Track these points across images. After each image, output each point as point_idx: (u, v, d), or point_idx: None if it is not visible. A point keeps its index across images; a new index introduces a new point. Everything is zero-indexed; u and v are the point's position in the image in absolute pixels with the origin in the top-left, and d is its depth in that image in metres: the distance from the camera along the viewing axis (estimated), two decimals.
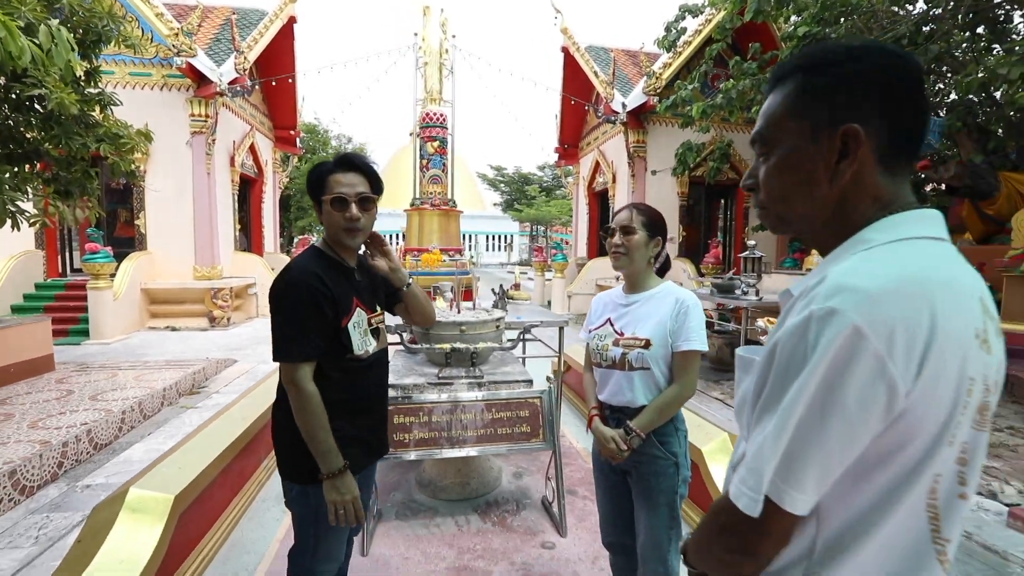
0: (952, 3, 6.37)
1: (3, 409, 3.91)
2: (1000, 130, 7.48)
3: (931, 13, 6.58)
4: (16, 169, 4.46)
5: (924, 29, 6.48)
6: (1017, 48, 5.26)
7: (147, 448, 3.68)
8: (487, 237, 45.95)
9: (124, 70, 8.91)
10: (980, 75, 5.75)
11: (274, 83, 11.23)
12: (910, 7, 7.07)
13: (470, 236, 42.17)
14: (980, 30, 6.84)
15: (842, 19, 6.98)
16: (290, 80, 11.92)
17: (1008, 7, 6.32)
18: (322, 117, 24.70)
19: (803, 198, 0.69)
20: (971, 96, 6.90)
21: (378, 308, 1.64)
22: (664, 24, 8.65)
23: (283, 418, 1.47)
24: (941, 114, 8.04)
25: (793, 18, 7.52)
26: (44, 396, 4.28)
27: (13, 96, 4.43)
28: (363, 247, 1.62)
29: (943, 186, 7.70)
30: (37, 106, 4.55)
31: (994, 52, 6.62)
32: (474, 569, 2.30)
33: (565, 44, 12.83)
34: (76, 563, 1.76)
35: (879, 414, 0.54)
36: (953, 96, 7.84)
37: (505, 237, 46.21)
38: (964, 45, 7.24)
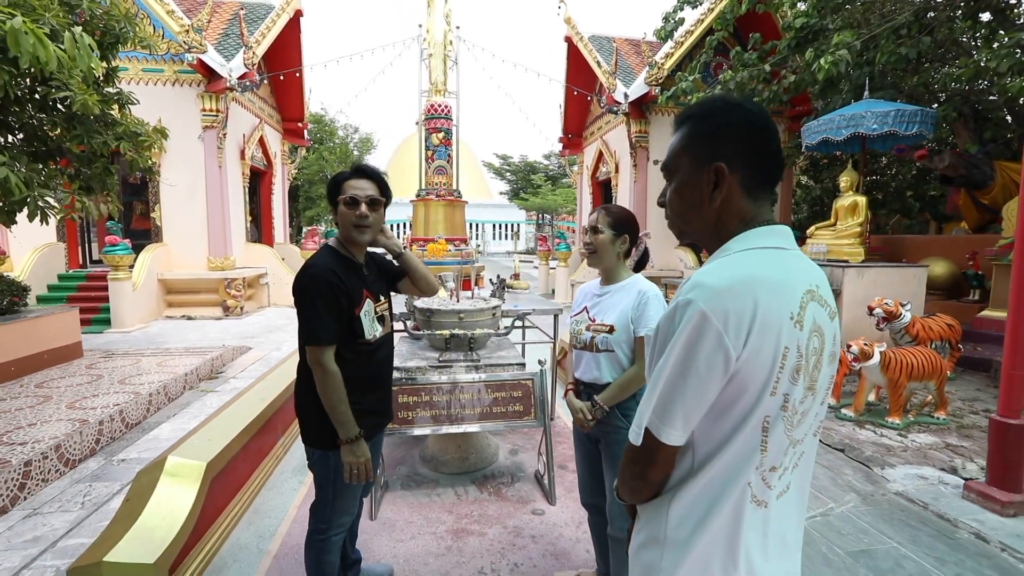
0: None
1: (42, 392, 4.25)
2: (1008, 118, 7.49)
3: (932, 1, 6.60)
4: (42, 167, 4.73)
5: (926, 18, 6.50)
6: (1006, 40, 5.34)
7: (173, 427, 3.99)
8: (494, 226, 46.10)
9: (137, 67, 9.16)
10: (981, 63, 5.82)
11: (282, 77, 11.43)
12: None
13: (477, 225, 42.36)
14: (984, 16, 6.87)
15: (841, 9, 7.03)
16: (297, 73, 12.12)
17: None
18: (329, 108, 24.87)
19: (693, 215, 0.93)
20: (967, 85, 6.96)
21: (382, 298, 1.90)
22: (663, 15, 8.70)
23: (305, 393, 1.75)
24: (940, 102, 8.09)
25: (800, 5, 7.56)
26: (77, 380, 4.61)
27: (38, 97, 4.69)
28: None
29: (938, 175, 7.78)
30: (60, 106, 4.81)
31: (1000, 38, 6.63)
32: (471, 531, 2.57)
33: (568, 34, 12.89)
34: (127, 518, 2.05)
35: (720, 372, 0.78)
36: (954, 84, 7.88)
37: (512, 226, 46.33)
38: (969, 32, 7.26)
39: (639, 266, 1.91)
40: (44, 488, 3.03)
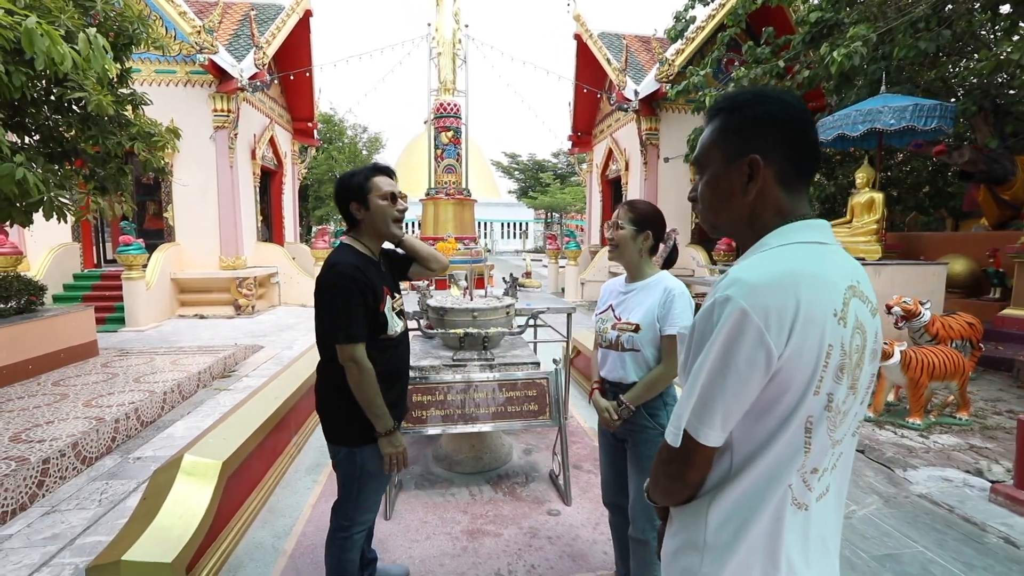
0: None
1: (59, 390, 4.29)
2: None
3: None
4: (58, 167, 4.78)
5: (944, 11, 6.38)
6: None
7: (188, 425, 4.01)
8: (502, 224, 46.08)
9: (150, 68, 9.24)
10: (1002, 56, 5.69)
11: (292, 77, 11.48)
12: None
13: (485, 224, 42.36)
14: (1004, 8, 6.72)
15: (856, 2, 6.92)
16: (307, 73, 12.16)
17: None
18: (338, 108, 25.00)
19: (725, 210, 0.90)
20: (987, 79, 6.81)
21: (397, 294, 1.91)
22: (674, 14, 8.63)
23: (331, 392, 1.75)
24: (960, 96, 7.93)
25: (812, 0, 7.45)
26: (92, 379, 4.65)
27: (53, 99, 4.74)
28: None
29: (957, 170, 7.63)
30: (75, 107, 4.85)
31: (1021, 30, 6.48)
32: (486, 532, 2.55)
33: (578, 31, 12.83)
34: (144, 517, 2.05)
35: (761, 371, 0.75)
36: (973, 79, 7.72)
37: (520, 224, 46.29)
38: (989, 24, 7.11)
39: (668, 263, 1.86)
40: (62, 485, 3.05)
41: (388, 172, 1.82)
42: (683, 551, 0.87)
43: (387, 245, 1.95)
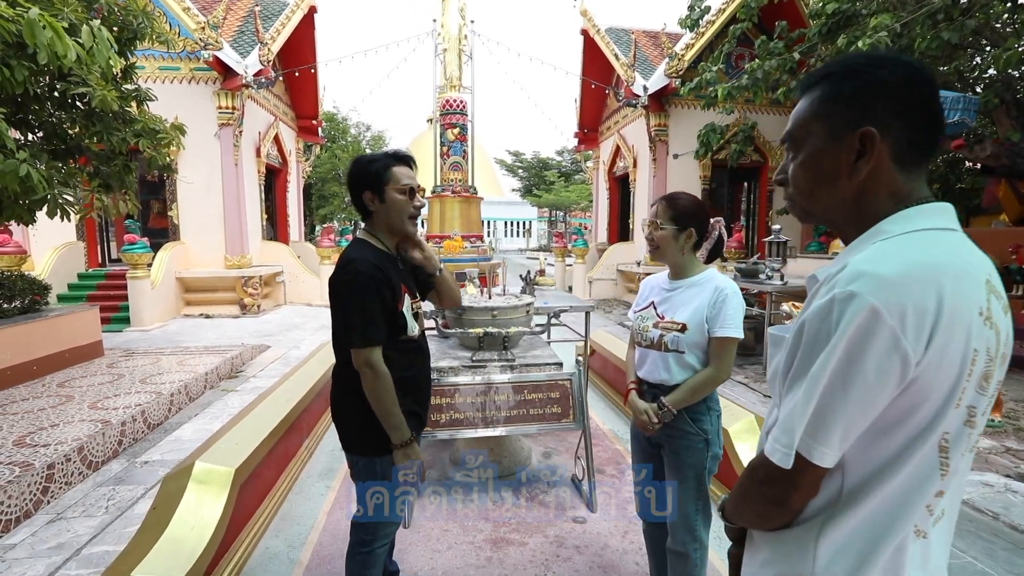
0: None
1: (64, 391, 4.19)
2: None
3: None
4: (61, 164, 4.68)
5: (961, 2, 6.22)
6: None
7: (196, 428, 3.90)
8: (505, 223, 45.95)
9: (154, 65, 9.15)
10: (1020, 48, 5.55)
11: (297, 74, 11.37)
12: None
13: (489, 222, 42.24)
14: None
15: None
16: (312, 70, 12.05)
17: None
18: (341, 106, 24.88)
19: (825, 192, 0.77)
20: (1009, 71, 6.65)
21: (416, 295, 1.77)
22: (688, 3, 8.48)
23: (348, 398, 1.62)
24: (978, 90, 7.77)
25: None
26: (98, 379, 4.55)
27: (57, 95, 4.64)
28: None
29: (978, 165, 7.48)
30: (79, 103, 4.76)
31: None
32: (510, 541, 2.44)
33: (584, 26, 12.67)
34: (154, 528, 1.94)
35: (894, 381, 0.63)
36: (992, 71, 7.56)
37: (523, 223, 46.15)
38: (1005, 16, 6.96)
39: (712, 256, 1.73)
40: (67, 491, 2.95)
41: (408, 162, 1.67)
42: None
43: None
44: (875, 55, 0.75)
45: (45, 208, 4.13)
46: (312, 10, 11.49)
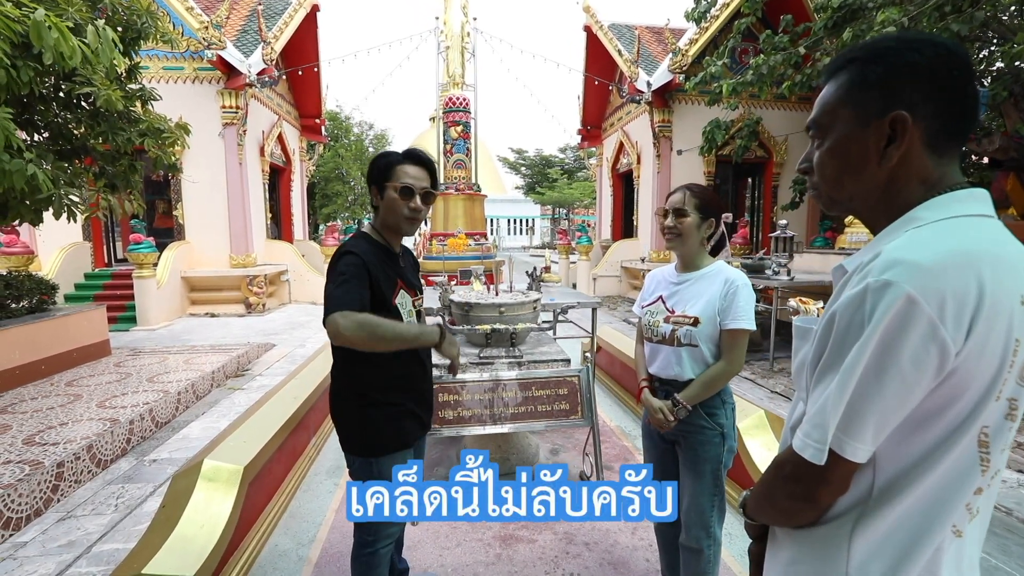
0: None
1: (72, 390, 4.21)
2: None
3: None
4: (67, 165, 4.70)
5: None
6: None
7: (203, 426, 3.92)
8: (508, 221, 45.90)
9: (158, 65, 9.16)
10: None
11: (300, 72, 11.37)
12: None
13: (492, 220, 42.21)
14: None
15: None
16: (315, 69, 12.05)
17: None
18: (344, 105, 24.90)
19: (853, 180, 0.75)
20: (1017, 64, 6.57)
21: (419, 293, 1.75)
22: None
23: (345, 400, 1.62)
24: (985, 83, 7.69)
25: None
26: (106, 378, 4.57)
27: (62, 95, 4.65)
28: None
29: (986, 159, 7.41)
30: (84, 103, 4.77)
31: None
32: (519, 537, 2.43)
33: (587, 23, 12.62)
34: (163, 526, 1.95)
35: (932, 372, 0.61)
36: (999, 64, 7.48)
37: (526, 220, 46.11)
38: (1013, 8, 6.88)
39: (716, 250, 1.71)
40: (77, 489, 2.96)
41: (419, 161, 1.63)
42: None
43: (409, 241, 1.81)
44: (906, 35, 0.72)
45: (51, 208, 4.15)
46: (315, 8, 11.48)
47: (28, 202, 4.28)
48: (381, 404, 1.61)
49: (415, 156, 1.63)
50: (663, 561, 1.98)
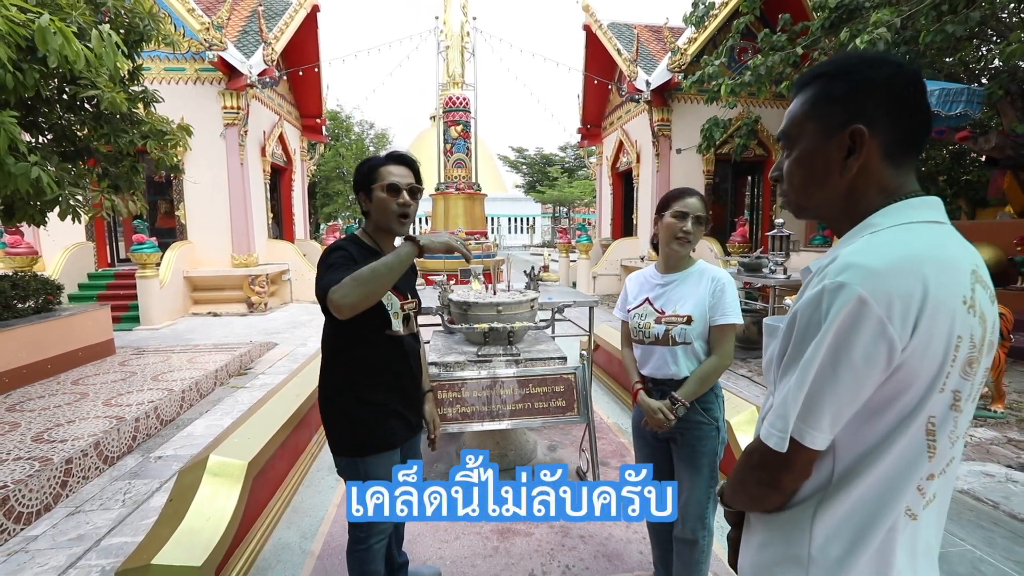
0: None
1: (78, 389, 4.28)
2: None
3: None
4: (71, 166, 4.76)
5: None
6: None
7: (207, 424, 3.98)
8: (509, 219, 45.94)
9: (159, 66, 9.22)
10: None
11: (301, 73, 11.42)
12: None
13: (493, 219, 42.26)
14: None
15: None
16: (316, 69, 12.10)
17: None
18: (344, 104, 24.95)
19: (818, 188, 0.81)
20: (1014, 62, 6.61)
21: (409, 296, 1.75)
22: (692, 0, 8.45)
23: (329, 397, 1.67)
24: (984, 81, 7.72)
25: None
26: (111, 377, 4.64)
27: (66, 97, 4.71)
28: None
29: (983, 157, 7.44)
30: (88, 106, 4.82)
31: None
32: (516, 531, 2.49)
33: (587, 22, 12.65)
34: (171, 519, 2.01)
35: (881, 366, 0.67)
36: (997, 62, 7.52)
37: (527, 219, 46.14)
38: (1012, 6, 6.91)
39: None
40: (85, 485, 3.03)
41: (402, 160, 1.66)
42: (781, 565, 0.79)
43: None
44: (866, 55, 0.78)
45: (56, 209, 4.21)
46: (315, 9, 11.53)
47: (34, 203, 4.35)
48: (366, 403, 1.64)
49: (397, 156, 1.66)
50: (655, 553, 2.04)
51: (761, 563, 0.83)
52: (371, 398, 1.64)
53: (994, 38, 7.47)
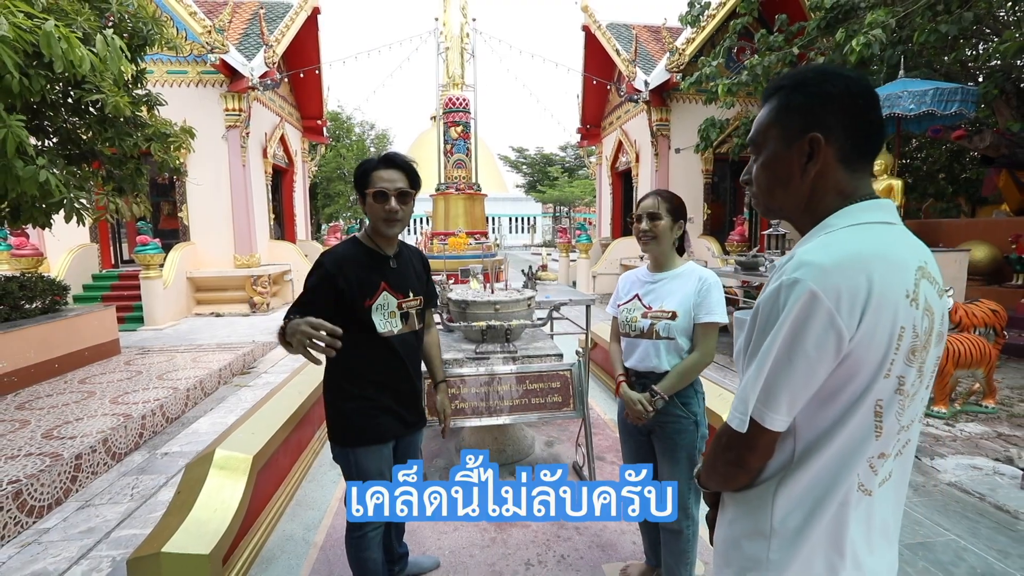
0: None
1: (85, 387, 4.36)
2: None
3: None
4: (76, 169, 4.84)
5: None
6: None
7: (212, 421, 4.06)
8: (510, 219, 46.00)
9: (162, 69, 9.30)
10: (1020, 38, 5.57)
11: (302, 75, 11.50)
12: None
13: (493, 219, 42.33)
14: None
15: None
16: (317, 71, 12.18)
17: None
18: (345, 105, 25.05)
19: (782, 191, 0.88)
20: (1009, 61, 6.66)
21: (411, 294, 1.79)
22: (688, 0, 8.50)
23: (328, 389, 1.77)
24: (980, 80, 7.77)
25: None
26: (117, 376, 4.73)
27: (71, 101, 4.79)
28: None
29: (978, 156, 7.49)
30: (92, 109, 4.90)
31: None
32: (514, 522, 2.56)
33: (586, 23, 12.71)
34: (179, 510, 2.09)
35: (831, 355, 0.74)
36: (995, 61, 7.56)
37: (528, 219, 46.20)
38: (1009, 4, 6.96)
39: (680, 250, 1.85)
40: (94, 480, 3.11)
41: (394, 164, 1.69)
42: (747, 537, 0.87)
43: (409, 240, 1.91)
44: (825, 69, 0.85)
45: (62, 211, 4.29)
46: (316, 11, 11.61)
47: (40, 205, 4.42)
48: (356, 398, 1.73)
49: (389, 160, 1.71)
50: (646, 543, 2.12)
51: (731, 537, 0.90)
52: (361, 394, 1.73)
53: (991, 37, 7.52)
